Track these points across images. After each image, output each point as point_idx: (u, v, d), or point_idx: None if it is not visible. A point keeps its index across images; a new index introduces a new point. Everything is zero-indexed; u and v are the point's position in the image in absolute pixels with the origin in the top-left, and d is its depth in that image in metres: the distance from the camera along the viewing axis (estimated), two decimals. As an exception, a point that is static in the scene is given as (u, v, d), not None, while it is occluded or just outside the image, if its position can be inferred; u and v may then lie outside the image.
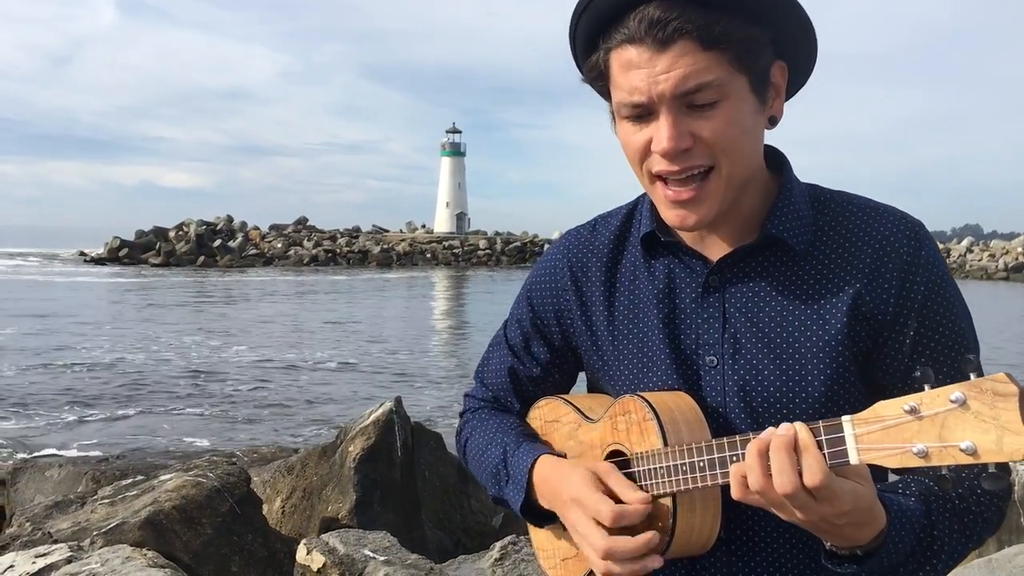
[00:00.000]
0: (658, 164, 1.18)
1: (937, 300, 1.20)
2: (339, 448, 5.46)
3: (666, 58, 1.11)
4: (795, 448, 0.99)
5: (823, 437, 0.99)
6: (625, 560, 1.15)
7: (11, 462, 7.21)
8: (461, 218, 75.75)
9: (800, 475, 0.98)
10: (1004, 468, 1.16)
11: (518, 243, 71.96)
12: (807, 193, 1.29)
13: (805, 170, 1.27)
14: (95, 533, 3.81)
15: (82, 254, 68.59)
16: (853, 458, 0.97)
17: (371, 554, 3.61)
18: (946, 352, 1.20)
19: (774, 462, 1.00)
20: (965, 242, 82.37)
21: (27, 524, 4.20)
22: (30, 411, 12.60)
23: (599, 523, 1.17)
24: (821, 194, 1.29)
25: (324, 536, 3.86)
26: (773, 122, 1.22)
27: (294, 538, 4.82)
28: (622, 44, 1.15)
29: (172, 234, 66.53)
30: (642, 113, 1.17)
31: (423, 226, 78.53)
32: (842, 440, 0.98)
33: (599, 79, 1.22)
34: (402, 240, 70.42)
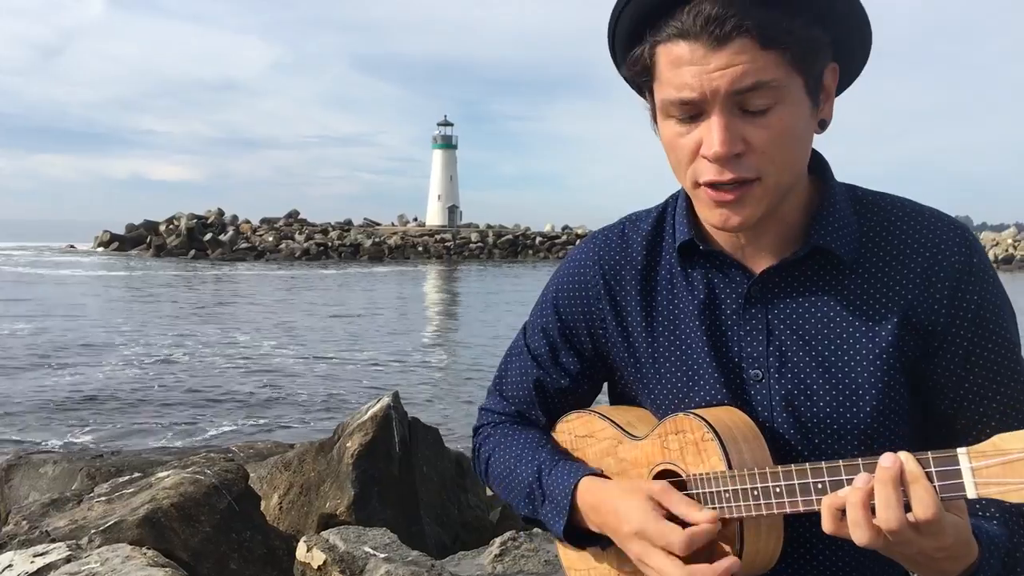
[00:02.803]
0: (706, 173, 1.12)
1: (990, 308, 1.17)
2: (337, 444, 5.44)
3: (722, 56, 1.05)
4: (901, 480, 0.95)
5: (933, 468, 0.95)
6: None
7: (5, 459, 7.16)
8: (453, 211, 75.62)
9: (906, 507, 0.94)
10: None
11: (510, 236, 71.84)
12: (847, 196, 1.24)
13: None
14: (93, 531, 3.78)
15: (71, 247, 68.28)
16: (971, 492, 0.92)
17: (372, 551, 3.60)
18: (999, 361, 1.17)
19: (880, 497, 0.95)
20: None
21: (24, 522, 4.17)
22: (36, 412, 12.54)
23: (669, 552, 1.11)
24: (863, 196, 1.25)
25: (324, 533, 3.84)
26: (823, 126, 1.18)
27: (292, 535, 4.80)
28: (673, 39, 1.08)
29: (163, 228, 66.34)
30: (692, 113, 1.11)
31: (415, 219, 78.39)
32: (958, 473, 0.93)
33: (643, 74, 1.16)
34: (394, 233, 70.30)
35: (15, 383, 14.17)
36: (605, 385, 1.44)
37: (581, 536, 1.28)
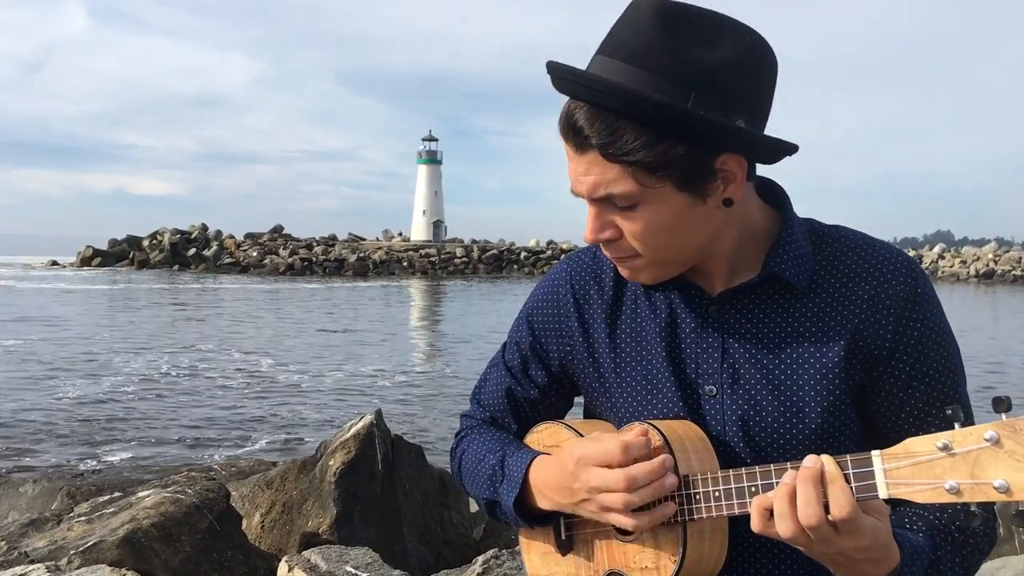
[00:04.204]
0: None
1: (932, 337, 1.23)
2: (319, 462, 5.43)
3: (582, 163, 1.15)
4: (821, 481, 1.01)
5: (851, 471, 1.01)
6: (646, 483, 1.14)
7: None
8: (438, 226, 75.68)
9: (826, 508, 1.00)
10: None
11: (495, 251, 71.83)
12: (805, 229, 1.30)
13: (775, 177, 1.28)
14: (72, 552, 3.76)
15: (54, 263, 67.68)
16: (882, 492, 0.99)
17: (353, 571, 3.59)
18: (939, 388, 1.23)
19: (800, 494, 1.01)
20: (937, 248, 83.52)
21: (2, 543, 4.14)
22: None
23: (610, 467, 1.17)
24: (819, 229, 1.31)
25: (305, 553, 3.84)
26: (728, 203, 1.19)
27: (274, 554, 4.79)
28: (560, 133, 1.18)
29: (146, 243, 66.04)
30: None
31: (400, 234, 78.35)
32: (871, 474, 1.00)
33: None
34: (378, 248, 70.14)
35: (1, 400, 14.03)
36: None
37: (535, 518, 1.34)
